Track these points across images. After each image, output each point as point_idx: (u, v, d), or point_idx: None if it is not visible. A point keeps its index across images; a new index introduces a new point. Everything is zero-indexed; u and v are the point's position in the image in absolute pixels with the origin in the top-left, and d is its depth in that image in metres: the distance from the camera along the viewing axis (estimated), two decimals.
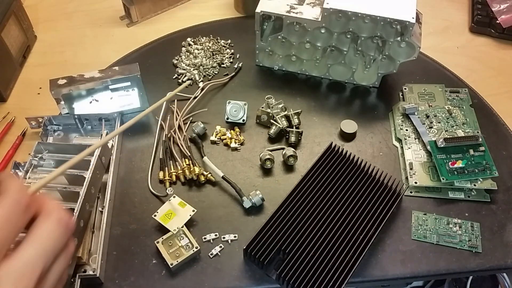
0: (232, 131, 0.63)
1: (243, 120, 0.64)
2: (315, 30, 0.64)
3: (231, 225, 0.54)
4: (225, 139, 0.62)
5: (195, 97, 0.66)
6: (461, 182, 0.56)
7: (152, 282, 0.50)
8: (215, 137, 0.63)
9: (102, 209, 0.53)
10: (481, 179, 0.57)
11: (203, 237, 0.53)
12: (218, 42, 0.76)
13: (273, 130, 0.62)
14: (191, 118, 0.65)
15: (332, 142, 0.59)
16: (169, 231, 0.51)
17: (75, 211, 0.47)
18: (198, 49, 0.74)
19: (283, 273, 0.47)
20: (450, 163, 0.57)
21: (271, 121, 0.63)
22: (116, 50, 0.75)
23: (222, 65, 0.73)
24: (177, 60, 0.73)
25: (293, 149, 0.60)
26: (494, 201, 0.57)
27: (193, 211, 0.53)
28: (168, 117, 0.64)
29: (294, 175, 0.59)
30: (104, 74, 0.59)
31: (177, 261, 0.50)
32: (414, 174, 0.58)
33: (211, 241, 0.53)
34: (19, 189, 0.26)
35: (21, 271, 0.24)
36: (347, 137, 0.63)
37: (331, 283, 0.46)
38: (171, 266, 0.49)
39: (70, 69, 0.70)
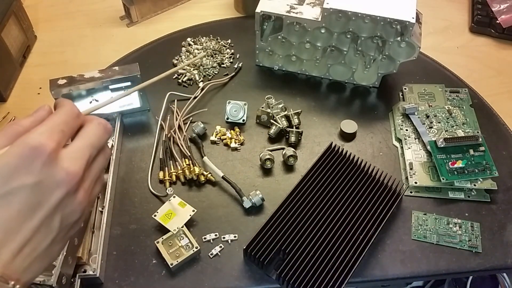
0: (232, 131, 0.63)
1: (243, 120, 0.64)
2: (315, 30, 0.64)
3: (231, 225, 0.54)
4: (225, 139, 0.62)
5: (195, 97, 0.66)
6: (461, 182, 0.56)
7: (152, 282, 0.50)
8: (215, 137, 0.63)
9: (102, 209, 0.53)
10: (481, 179, 0.57)
11: (203, 237, 0.53)
12: (218, 42, 0.76)
13: (273, 130, 0.62)
14: (191, 118, 0.65)
15: (332, 142, 0.59)
16: (169, 231, 0.51)
17: None
18: (198, 49, 0.74)
19: (283, 273, 0.47)
20: (450, 163, 0.57)
21: (271, 121, 0.63)
22: (116, 50, 0.75)
23: (222, 65, 0.73)
24: (177, 60, 0.73)
25: (293, 149, 0.60)
26: (494, 201, 0.57)
27: (193, 211, 0.53)
28: (168, 117, 0.64)
29: (294, 175, 0.59)
30: (104, 74, 0.59)
31: (177, 261, 0.50)
32: (414, 174, 0.58)
33: (211, 241, 0.53)
34: (72, 104, 0.35)
35: (75, 154, 0.33)
36: (347, 137, 0.63)
37: (331, 283, 0.46)
38: (171, 266, 0.49)
39: (70, 69, 0.70)
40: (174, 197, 0.55)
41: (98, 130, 0.35)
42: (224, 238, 0.53)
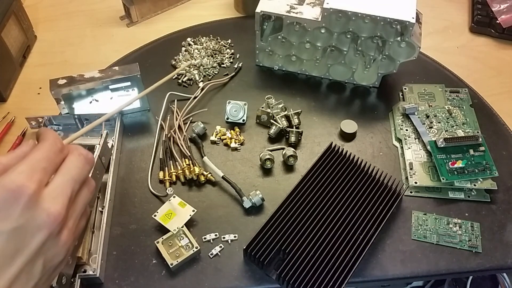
0: (232, 131, 0.63)
1: (243, 120, 0.64)
2: (315, 30, 0.64)
3: (231, 225, 0.54)
4: (225, 139, 0.62)
5: (195, 97, 0.66)
6: (461, 182, 0.56)
7: (152, 282, 0.50)
8: (215, 137, 0.63)
9: (102, 209, 0.53)
10: (481, 179, 0.57)
11: (203, 237, 0.53)
12: (219, 42, 0.76)
13: (273, 130, 0.62)
14: (191, 118, 0.65)
15: (332, 142, 0.59)
16: (169, 231, 0.51)
17: None
18: (198, 49, 0.74)
19: (283, 273, 0.47)
20: (450, 163, 0.57)
21: (271, 121, 0.63)
22: (116, 50, 0.75)
23: (222, 65, 0.73)
24: (175, 61, 0.73)
25: (293, 149, 0.60)
26: (494, 201, 0.57)
27: (193, 211, 0.53)
28: (168, 117, 0.64)
29: (294, 175, 0.59)
30: (104, 74, 0.59)
31: (177, 261, 0.50)
32: (414, 174, 0.58)
33: (211, 241, 0.53)
34: (55, 136, 0.33)
35: (56, 193, 0.31)
36: (347, 137, 0.63)
37: (331, 283, 0.46)
38: (171, 266, 0.49)
39: (70, 69, 0.70)
40: (174, 197, 0.55)
41: (78, 162, 0.34)
42: (224, 238, 0.53)
